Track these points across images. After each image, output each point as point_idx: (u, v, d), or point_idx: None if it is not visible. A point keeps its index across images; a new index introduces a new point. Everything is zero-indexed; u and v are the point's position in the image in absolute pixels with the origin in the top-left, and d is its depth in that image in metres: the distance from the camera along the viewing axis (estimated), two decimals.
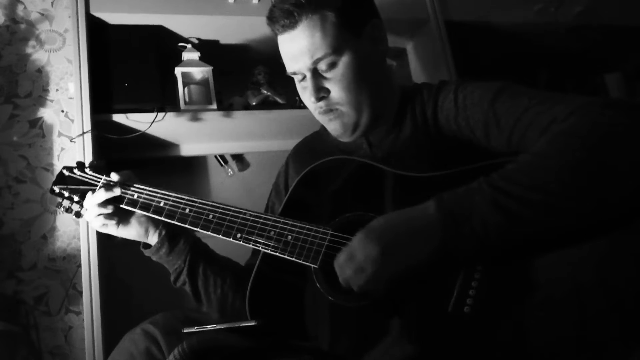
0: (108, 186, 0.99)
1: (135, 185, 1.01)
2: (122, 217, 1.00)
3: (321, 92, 0.96)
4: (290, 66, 0.98)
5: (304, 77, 0.97)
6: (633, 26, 2.05)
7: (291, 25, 0.93)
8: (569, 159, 0.70)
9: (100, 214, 0.98)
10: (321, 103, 0.97)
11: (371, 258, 0.74)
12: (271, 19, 0.96)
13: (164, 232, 1.02)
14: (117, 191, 0.99)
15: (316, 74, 0.95)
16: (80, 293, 1.30)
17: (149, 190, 1.00)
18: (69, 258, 1.35)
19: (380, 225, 0.77)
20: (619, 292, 0.67)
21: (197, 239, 1.06)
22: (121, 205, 0.99)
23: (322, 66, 0.94)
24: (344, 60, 0.94)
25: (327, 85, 0.96)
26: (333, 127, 1.01)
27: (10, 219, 1.34)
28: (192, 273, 1.03)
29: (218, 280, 1.05)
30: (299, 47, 0.94)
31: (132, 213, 1.00)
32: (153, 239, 1.02)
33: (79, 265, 1.31)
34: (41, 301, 1.31)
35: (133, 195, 1.00)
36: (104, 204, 0.98)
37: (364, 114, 0.99)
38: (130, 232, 1.02)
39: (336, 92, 0.96)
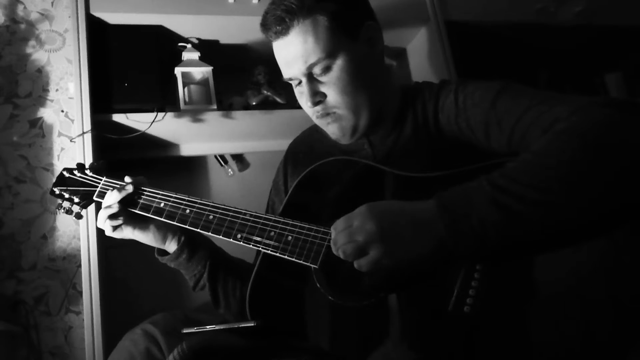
0: (120, 188, 0.98)
1: (141, 188, 1.00)
2: (138, 221, 1.00)
3: (317, 97, 0.96)
4: (286, 72, 0.98)
5: (300, 82, 0.97)
6: (633, 26, 2.05)
7: (284, 31, 0.93)
8: (569, 158, 0.70)
9: (108, 216, 0.97)
10: (318, 107, 0.97)
11: (365, 230, 0.74)
12: (264, 25, 0.95)
13: (183, 238, 1.02)
14: (123, 191, 0.98)
15: (311, 79, 0.95)
16: (80, 293, 1.30)
17: (150, 192, 1.00)
18: (69, 258, 1.35)
19: (383, 205, 0.77)
20: (620, 290, 0.67)
21: (213, 244, 1.07)
22: (127, 208, 0.99)
23: (317, 70, 0.94)
24: (338, 64, 0.94)
25: (323, 89, 0.96)
26: (332, 130, 1.01)
27: (10, 219, 1.34)
28: (212, 277, 1.03)
29: (237, 283, 1.05)
30: (292, 53, 0.93)
31: (151, 219, 0.99)
32: (171, 245, 1.02)
33: (79, 265, 1.31)
34: (41, 301, 1.31)
35: (139, 198, 0.99)
36: (114, 207, 0.97)
37: (362, 117, 0.98)
38: (148, 237, 1.01)
39: (332, 95, 0.95)
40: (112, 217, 0.97)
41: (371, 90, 0.98)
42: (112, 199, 0.97)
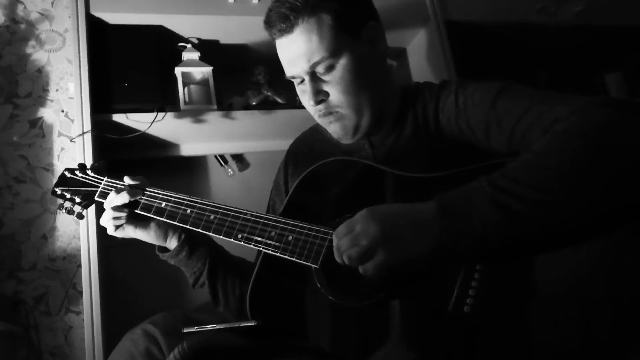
0: (130, 190, 0.98)
1: (146, 189, 1.01)
2: (139, 220, 1.00)
3: (320, 96, 0.96)
4: (289, 70, 0.97)
5: (303, 81, 0.97)
6: (633, 26, 2.06)
7: (288, 29, 0.92)
8: (569, 158, 0.70)
9: (114, 217, 0.98)
10: (320, 106, 0.97)
11: (369, 233, 0.74)
12: (268, 23, 0.95)
13: (183, 236, 1.02)
14: (134, 195, 0.98)
15: (314, 77, 0.95)
16: (80, 293, 1.30)
17: (151, 192, 1.00)
18: (69, 258, 1.35)
19: (383, 209, 0.77)
20: (620, 290, 0.67)
21: (214, 242, 1.07)
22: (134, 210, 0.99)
23: (320, 69, 0.94)
24: (341, 63, 0.94)
25: (326, 88, 0.95)
26: (334, 129, 1.01)
27: (10, 219, 1.34)
28: (212, 275, 1.04)
29: (237, 281, 1.06)
30: (296, 51, 0.93)
31: (153, 217, 0.99)
32: (172, 242, 1.03)
33: (79, 265, 1.31)
34: (41, 301, 1.31)
35: (141, 198, 0.99)
36: (120, 207, 0.98)
37: (364, 116, 0.98)
38: (150, 234, 1.01)
39: (335, 95, 0.95)
40: (116, 216, 0.97)
41: (373, 90, 0.98)
42: (121, 199, 0.97)
